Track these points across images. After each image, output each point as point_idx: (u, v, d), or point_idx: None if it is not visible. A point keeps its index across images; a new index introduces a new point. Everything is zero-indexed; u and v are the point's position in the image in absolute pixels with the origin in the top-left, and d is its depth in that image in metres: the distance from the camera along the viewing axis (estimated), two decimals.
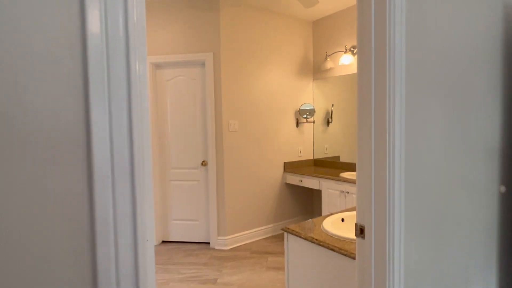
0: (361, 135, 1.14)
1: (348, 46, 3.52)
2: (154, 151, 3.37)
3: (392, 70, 1.04)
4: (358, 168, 1.15)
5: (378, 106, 1.07)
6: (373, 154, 1.08)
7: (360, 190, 1.14)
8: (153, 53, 3.29)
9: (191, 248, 3.32)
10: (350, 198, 2.98)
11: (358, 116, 1.17)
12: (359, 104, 1.15)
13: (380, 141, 1.06)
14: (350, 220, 1.77)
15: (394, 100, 1.03)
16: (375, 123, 1.08)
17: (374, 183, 1.08)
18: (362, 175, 1.13)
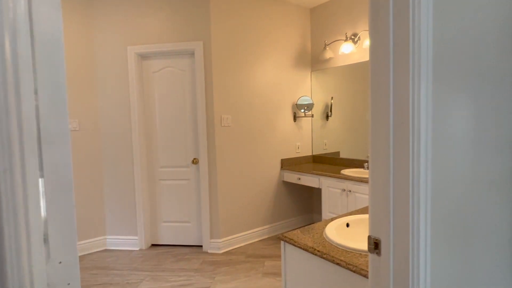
0: (376, 130, 0.91)
1: (349, 34, 3.28)
2: (141, 148, 3.13)
3: (417, 49, 0.81)
4: (372, 169, 0.92)
5: (398, 95, 0.84)
6: (391, 152, 0.86)
7: (374, 196, 0.92)
8: (138, 43, 3.04)
9: (182, 252, 3.10)
10: (352, 197, 2.76)
11: (371, 108, 0.94)
12: (373, 94, 0.92)
13: (401, 136, 0.84)
14: (356, 225, 1.55)
15: (420, 87, 0.81)
16: (394, 116, 0.86)
17: (392, 187, 0.86)
18: (377, 178, 0.90)
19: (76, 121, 3.05)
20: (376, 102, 0.91)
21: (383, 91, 0.88)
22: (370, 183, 0.93)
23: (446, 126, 0.91)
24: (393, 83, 0.85)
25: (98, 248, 3.22)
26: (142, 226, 3.16)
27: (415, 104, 0.81)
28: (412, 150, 0.82)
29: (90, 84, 3.12)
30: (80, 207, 3.11)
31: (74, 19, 3.01)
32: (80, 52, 3.06)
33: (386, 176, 0.88)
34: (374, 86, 0.91)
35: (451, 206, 0.95)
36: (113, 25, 3.06)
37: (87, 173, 3.14)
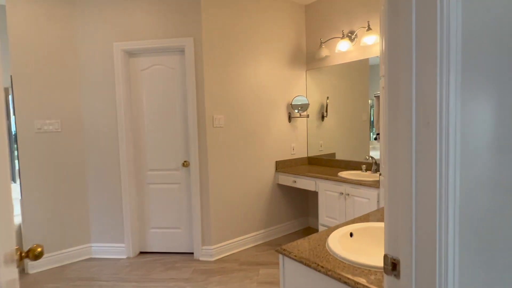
0: (394, 132, 0.78)
1: (346, 31, 3.17)
2: (128, 151, 2.96)
3: (446, 36, 0.68)
4: (389, 178, 0.79)
5: (422, 90, 0.72)
6: (413, 157, 0.73)
7: (392, 208, 0.79)
8: (125, 39, 2.87)
9: (173, 260, 2.94)
10: (350, 201, 2.64)
11: (387, 108, 0.81)
12: (390, 90, 0.80)
13: (426, 139, 0.71)
14: (360, 235, 1.42)
15: (449, 81, 0.68)
16: (417, 115, 0.73)
17: (415, 197, 0.73)
18: (395, 187, 0.77)
19: (58, 122, 2.87)
20: (393, 100, 0.78)
21: (403, 87, 0.75)
22: (387, 194, 0.80)
23: (474, 125, 0.79)
24: (415, 77, 0.72)
25: (83, 256, 3.03)
26: (129, 233, 2.98)
27: (443, 102, 0.69)
28: (439, 154, 0.69)
29: (73, 83, 2.94)
30: (63, 214, 2.92)
31: (56, 13, 2.83)
32: (62, 48, 2.87)
33: (406, 185, 0.75)
34: (392, 81, 0.78)
35: (478, 217, 0.83)
36: (98, 20, 2.88)
37: (70, 177, 2.95)
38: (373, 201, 2.46)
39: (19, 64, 2.68)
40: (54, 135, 2.86)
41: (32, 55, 2.73)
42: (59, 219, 2.91)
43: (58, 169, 2.89)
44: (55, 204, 2.89)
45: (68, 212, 2.95)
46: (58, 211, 2.90)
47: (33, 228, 2.78)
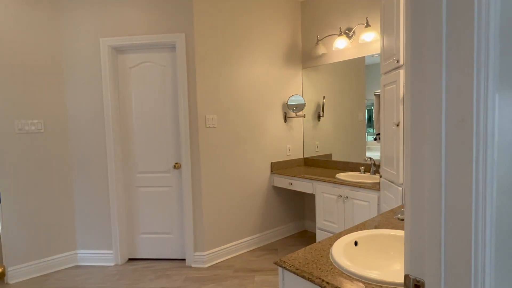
0: (417, 131, 0.67)
1: (343, 28, 3.07)
2: (116, 152, 2.81)
3: (485, 16, 0.57)
4: (411, 186, 0.68)
5: (454, 82, 0.60)
6: (443, 161, 0.62)
7: (415, 219, 0.67)
8: (113, 34, 2.72)
9: (164, 267, 2.79)
10: (349, 204, 2.54)
11: (409, 104, 0.70)
12: (412, 82, 0.68)
13: (460, 139, 0.60)
14: (366, 244, 1.31)
15: (488, 72, 0.57)
16: (448, 111, 0.62)
17: (445, 207, 0.62)
18: (418, 196, 0.66)
19: (40, 122, 2.70)
20: (417, 94, 0.66)
21: (431, 82, 0.63)
22: (409, 203, 0.69)
23: (510, 122, 0.68)
24: (446, 71, 0.61)
25: (68, 264, 2.87)
26: (117, 239, 2.83)
27: (480, 97, 0.57)
28: (476, 154, 0.58)
29: (58, 81, 2.78)
30: (46, 219, 2.76)
31: (40, 8, 2.67)
32: (46, 45, 2.71)
33: (434, 193, 0.63)
34: (415, 71, 0.66)
35: None
36: (84, 14, 2.73)
37: (54, 180, 2.78)
38: (374, 204, 2.36)
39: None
40: (36, 136, 2.69)
41: (13, 52, 2.57)
42: (42, 225, 2.74)
43: (41, 172, 2.72)
44: (38, 209, 2.72)
45: (52, 217, 2.78)
46: (41, 216, 2.74)
47: (13, 235, 2.61)
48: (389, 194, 2.09)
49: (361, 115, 3.04)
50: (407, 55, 0.69)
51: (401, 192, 1.89)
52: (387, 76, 2.06)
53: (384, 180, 2.19)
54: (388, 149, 2.05)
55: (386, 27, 2.10)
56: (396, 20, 1.91)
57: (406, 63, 0.69)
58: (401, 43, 1.86)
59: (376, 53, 2.83)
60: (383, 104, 2.14)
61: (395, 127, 1.92)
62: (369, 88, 2.94)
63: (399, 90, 1.88)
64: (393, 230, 1.36)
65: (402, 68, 1.86)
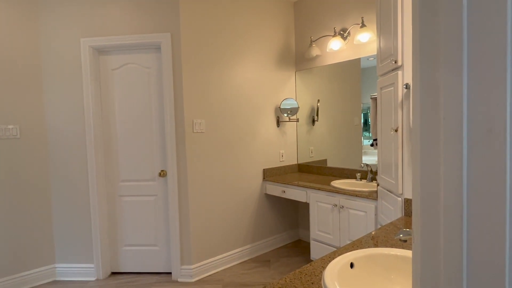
0: (427, 144, 0.53)
1: (338, 29, 2.95)
2: (97, 159, 2.64)
3: None
4: (421, 208, 0.53)
5: (478, 81, 0.46)
6: (465, 180, 0.48)
7: (427, 250, 0.53)
8: (94, 34, 2.57)
9: (148, 281, 2.62)
10: (345, 214, 2.39)
11: (418, 107, 0.56)
12: (422, 79, 0.54)
13: (487, 153, 0.46)
14: (363, 265, 1.16)
15: None
16: (470, 118, 0.47)
17: (466, 231, 0.48)
18: (431, 212, 0.52)
19: (16, 128, 2.53)
20: (426, 96, 0.52)
21: (447, 83, 0.49)
22: (417, 228, 0.54)
23: None
24: (468, 78, 0.46)
25: (46, 279, 2.68)
26: (99, 252, 2.65)
27: None
28: (510, 167, 0.44)
29: (35, 83, 2.61)
30: (22, 231, 2.57)
31: (15, 4, 2.51)
32: (23, 44, 2.55)
33: (454, 219, 0.49)
34: (424, 76, 0.52)
35: None
36: (64, 13, 2.57)
37: (31, 189, 2.61)
38: (371, 215, 2.21)
39: None
40: (11, 142, 2.52)
41: None
42: (17, 238, 2.56)
43: (16, 180, 2.54)
44: (13, 220, 2.54)
45: (28, 229, 2.60)
46: (16, 228, 2.55)
47: None
48: (387, 204, 1.95)
49: (357, 119, 2.90)
50: (414, 56, 0.54)
51: (401, 202, 1.75)
52: (384, 78, 1.93)
53: (381, 189, 2.05)
54: (386, 156, 1.91)
55: (382, 27, 1.97)
56: (394, 18, 1.78)
57: (413, 66, 0.54)
58: (399, 42, 1.73)
59: (372, 56, 2.71)
60: (380, 108, 2.01)
61: (393, 133, 1.79)
62: (365, 91, 2.81)
63: (397, 93, 1.74)
64: (393, 249, 1.21)
65: (400, 69, 1.73)
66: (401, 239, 0.94)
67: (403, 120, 1.71)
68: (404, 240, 0.95)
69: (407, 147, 1.71)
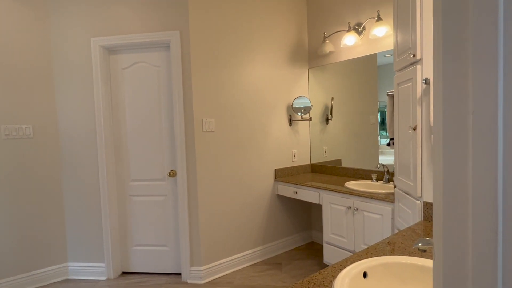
0: (450, 145, 0.44)
1: (352, 24, 2.83)
2: (108, 158, 2.64)
3: None
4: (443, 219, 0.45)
5: None
6: (500, 189, 0.39)
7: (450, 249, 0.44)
8: (104, 34, 2.56)
9: (158, 282, 2.60)
10: (360, 217, 2.28)
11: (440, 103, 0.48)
12: (444, 71, 0.46)
13: None
14: (377, 275, 1.07)
15: None
16: (508, 115, 0.39)
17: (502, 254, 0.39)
18: (451, 237, 0.43)
19: (29, 127, 2.56)
20: (450, 89, 0.44)
21: (478, 86, 0.40)
22: (439, 242, 0.46)
23: None
24: (504, 51, 0.38)
25: (59, 277, 2.70)
26: (109, 251, 2.65)
27: None
28: None
29: (47, 83, 2.64)
30: (36, 229, 2.60)
31: (28, 5, 2.53)
32: (35, 45, 2.57)
33: (486, 232, 0.40)
34: (447, 71, 0.43)
35: None
36: (74, 13, 2.58)
37: (44, 188, 2.63)
38: (387, 218, 2.10)
39: None
40: (25, 142, 2.55)
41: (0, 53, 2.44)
42: (31, 236, 2.59)
43: (29, 179, 2.58)
44: (27, 218, 2.57)
45: (41, 227, 2.63)
46: (30, 226, 2.58)
47: (0, 246, 2.46)
48: (405, 208, 1.83)
49: (373, 117, 2.78)
50: (435, 48, 0.46)
51: (419, 206, 1.63)
52: (402, 73, 1.81)
53: (398, 191, 1.94)
54: (404, 156, 1.80)
55: (400, 19, 1.85)
56: (412, 9, 1.67)
57: (434, 59, 0.46)
58: (418, 35, 1.61)
59: (389, 51, 2.58)
60: (397, 105, 1.89)
61: (412, 131, 1.67)
62: (381, 88, 2.69)
63: (415, 89, 1.63)
64: (411, 257, 1.11)
65: (419, 63, 1.62)
66: (420, 249, 0.85)
67: (422, 118, 1.60)
68: (423, 250, 0.86)
69: (426, 146, 1.60)
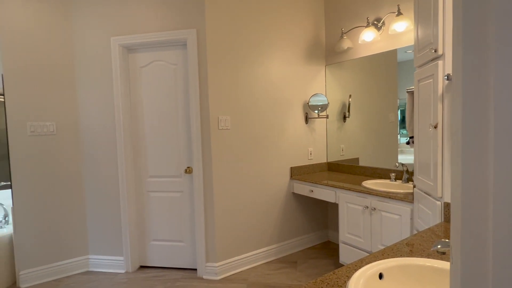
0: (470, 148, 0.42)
1: (371, 19, 2.76)
2: (127, 155, 2.70)
3: None
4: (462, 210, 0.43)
5: None
6: None
7: (468, 253, 0.42)
8: (123, 33, 2.62)
9: (174, 277, 2.64)
10: (377, 217, 2.23)
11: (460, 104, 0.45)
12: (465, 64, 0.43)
13: None
14: (393, 276, 1.04)
15: None
16: None
17: None
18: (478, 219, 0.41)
19: (52, 124, 2.66)
20: (469, 84, 0.41)
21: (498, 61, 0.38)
22: (456, 245, 0.43)
23: None
24: None
25: (80, 269, 2.80)
26: (128, 245, 2.72)
27: None
28: None
29: (70, 82, 2.73)
30: (59, 222, 2.71)
31: (50, 8, 2.63)
32: (58, 45, 2.67)
33: (508, 236, 0.38)
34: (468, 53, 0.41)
35: None
36: (94, 13, 2.65)
37: (66, 183, 2.73)
38: (406, 218, 2.04)
39: (11, 63, 2.49)
40: (48, 138, 2.65)
41: (25, 53, 2.54)
42: (54, 229, 2.70)
43: (53, 175, 2.68)
44: (50, 212, 2.67)
45: (64, 220, 2.73)
46: (54, 219, 2.69)
47: (25, 238, 2.58)
48: (424, 208, 1.77)
49: (393, 115, 2.71)
50: (455, 41, 0.43)
51: (440, 207, 1.58)
52: (423, 69, 1.75)
53: (418, 191, 1.88)
54: (424, 155, 1.74)
55: (421, 13, 1.79)
56: (434, 3, 1.61)
57: (453, 53, 0.43)
58: (440, 29, 1.55)
59: (409, 47, 2.50)
60: (418, 102, 1.83)
61: (432, 130, 1.61)
62: (401, 85, 2.61)
63: (437, 85, 1.57)
64: (430, 259, 1.08)
65: (441, 59, 1.55)
66: (439, 251, 0.82)
67: (444, 115, 1.54)
68: (443, 252, 0.82)
69: (448, 145, 1.54)
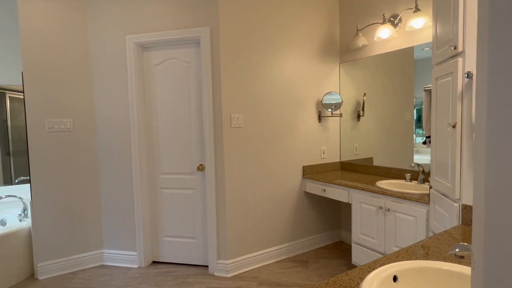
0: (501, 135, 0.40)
1: (387, 15, 2.70)
2: (141, 152, 2.74)
3: None
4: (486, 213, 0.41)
5: None
6: None
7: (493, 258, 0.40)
8: (138, 31, 2.65)
9: (186, 273, 2.67)
10: (391, 218, 2.19)
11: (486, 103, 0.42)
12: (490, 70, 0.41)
13: None
14: (407, 279, 1.01)
15: None
16: None
17: None
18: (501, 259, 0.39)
19: (70, 121, 2.72)
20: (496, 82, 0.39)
21: None
22: (479, 249, 0.41)
23: None
24: None
25: (95, 263, 2.87)
26: (141, 241, 2.77)
27: None
28: None
29: (86, 80, 2.78)
30: (75, 216, 2.78)
31: (67, 7, 2.68)
32: (74, 44, 2.72)
33: None
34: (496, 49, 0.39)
35: None
36: (110, 11, 2.70)
37: (83, 179, 2.80)
38: (421, 220, 1.99)
39: (30, 61, 2.56)
40: (66, 135, 2.72)
41: (43, 50, 2.61)
42: (71, 223, 2.77)
43: (70, 170, 2.74)
44: (67, 206, 2.74)
45: (80, 215, 2.80)
46: (70, 213, 2.76)
47: (43, 232, 2.65)
48: (441, 210, 1.72)
49: (409, 114, 2.64)
50: (480, 37, 0.41)
51: (457, 209, 1.53)
52: (441, 67, 1.70)
53: (434, 192, 1.83)
54: (441, 155, 1.69)
55: (440, 9, 1.73)
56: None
57: (478, 50, 0.41)
58: (460, 25, 1.50)
59: (427, 44, 2.43)
60: (435, 100, 1.78)
61: (451, 129, 1.56)
62: (418, 83, 2.54)
63: (456, 83, 1.52)
64: (447, 263, 1.04)
65: (460, 56, 1.50)
66: (457, 255, 0.79)
67: (463, 114, 1.49)
68: (461, 256, 0.80)
69: (467, 145, 1.49)
